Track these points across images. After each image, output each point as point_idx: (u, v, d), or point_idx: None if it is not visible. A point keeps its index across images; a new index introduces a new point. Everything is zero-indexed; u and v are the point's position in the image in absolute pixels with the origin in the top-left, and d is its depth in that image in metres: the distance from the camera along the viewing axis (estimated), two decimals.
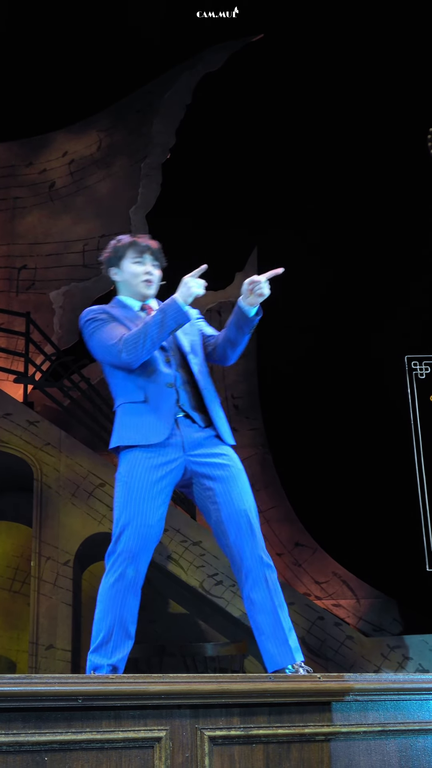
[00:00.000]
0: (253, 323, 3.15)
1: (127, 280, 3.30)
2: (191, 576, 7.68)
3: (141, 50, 10.24)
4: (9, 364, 9.40)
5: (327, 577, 9.42)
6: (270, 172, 10.17)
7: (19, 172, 10.87)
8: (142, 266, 3.28)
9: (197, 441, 3.11)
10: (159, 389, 3.11)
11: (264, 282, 3.10)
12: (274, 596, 3.01)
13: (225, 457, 3.13)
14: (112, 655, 2.91)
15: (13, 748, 2.09)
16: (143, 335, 3.04)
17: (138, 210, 10.66)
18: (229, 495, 3.07)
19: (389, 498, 8.98)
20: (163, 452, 3.06)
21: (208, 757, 2.24)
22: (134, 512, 3.02)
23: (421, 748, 2.48)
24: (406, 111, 9.83)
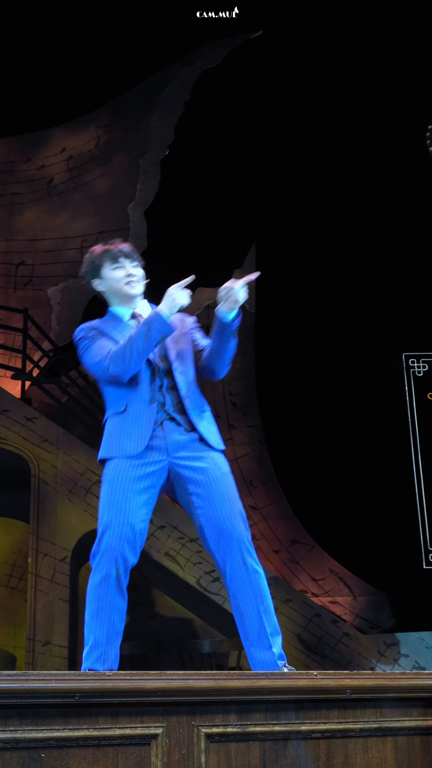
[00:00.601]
0: (232, 328, 3.15)
1: (112, 286, 3.33)
2: (188, 573, 7.68)
3: (140, 46, 10.23)
4: (7, 360, 9.40)
5: (324, 574, 9.43)
6: (269, 169, 10.16)
7: (18, 168, 10.86)
8: (122, 270, 3.31)
9: (181, 443, 3.11)
10: (139, 399, 3.14)
11: (239, 288, 3.12)
12: (259, 602, 3.00)
13: (207, 460, 3.12)
14: (106, 659, 2.92)
15: (9, 745, 2.09)
16: (128, 348, 3.08)
17: (136, 206, 10.65)
18: (210, 500, 3.07)
19: (386, 495, 8.99)
20: (146, 455, 3.08)
21: (205, 755, 2.24)
22: (116, 511, 3.03)
23: (417, 745, 2.48)
24: (405, 107, 9.83)
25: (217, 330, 3.19)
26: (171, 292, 3.10)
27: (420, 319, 9.20)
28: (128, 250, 3.36)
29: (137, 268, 3.34)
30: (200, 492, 3.08)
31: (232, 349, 3.23)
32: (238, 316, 3.16)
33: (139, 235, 10.51)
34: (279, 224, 10.02)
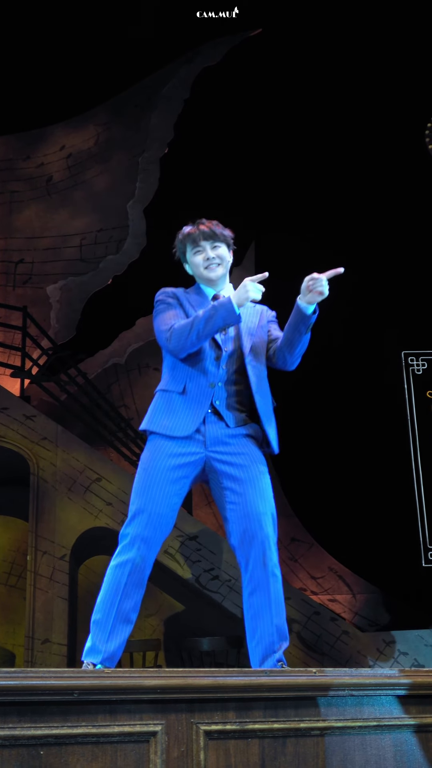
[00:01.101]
0: (310, 322, 3.16)
1: (195, 272, 3.35)
2: (187, 570, 7.68)
3: (139, 44, 10.22)
4: (6, 358, 9.39)
5: (323, 572, 9.43)
6: (269, 167, 10.16)
7: (17, 166, 10.85)
8: (201, 254, 3.31)
9: (220, 439, 3.11)
10: (199, 385, 3.14)
11: (324, 280, 3.14)
12: (273, 605, 3.00)
13: (246, 457, 3.12)
14: (109, 639, 2.91)
15: (8, 742, 2.09)
16: (189, 327, 3.08)
17: (136, 204, 10.64)
18: (242, 497, 3.06)
19: (386, 494, 8.99)
20: (186, 444, 3.08)
21: (204, 752, 2.24)
22: (148, 499, 3.03)
23: (416, 743, 2.48)
24: (405, 105, 9.82)
25: (293, 321, 3.19)
26: (246, 283, 3.09)
27: (419, 316, 9.19)
28: (209, 230, 3.34)
29: (218, 248, 3.34)
30: (235, 487, 3.08)
31: (305, 343, 3.24)
32: (316, 310, 3.17)
33: (139, 234, 10.51)
34: (278, 222, 10.01)
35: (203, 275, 3.31)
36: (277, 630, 2.98)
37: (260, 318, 3.35)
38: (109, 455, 8.73)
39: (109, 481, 7.70)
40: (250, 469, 3.11)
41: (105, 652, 2.89)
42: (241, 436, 3.15)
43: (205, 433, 3.10)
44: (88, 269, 10.48)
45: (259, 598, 2.99)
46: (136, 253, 10.43)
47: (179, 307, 3.25)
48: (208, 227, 3.32)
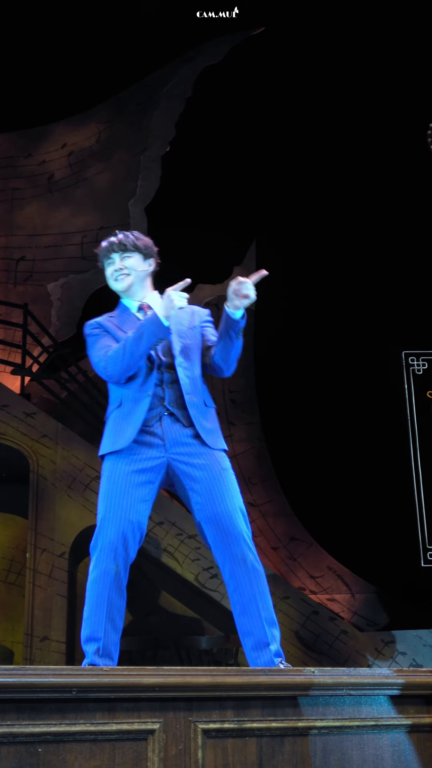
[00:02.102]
0: (239, 327, 3.12)
1: (109, 284, 3.35)
2: (186, 569, 7.69)
3: (141, 43, 10.22)
4: (6, 355, 9.39)
5: (322, 571, 9.44)
6: (269, 166, 10.15)
7: (18, 164, 10.85)
8: (111, 266, 3.31)
9: (180, 440, 3.09)
10: (133, 393, 3.13)
11: (249, 284, 3.08)
12: (259, 599, 2.99)
13: (206, 456, 3.10)
14: (103, 654, 2.91)
15: (7, 739, 2.09)
16: (122, 351, 3.08)
17: (137, 202, 10.64)
18: (208, 496, 3.05)
19: (385, 493, 8.99)
20: (144, 452, 3.06)
21: (201, 750, 2.25)
22: (114, 506, 3.02)
23: (413, 742, 2.49)
24: (406, 105, 9.81)
25: (223, 328, 3.15)
26: (168, 293, 3.07)
27: (420, 317, 9.19)
28: (119, 241, 3.32)
29: (128, 258, 3.30)
30: (198, 488, 3.07)
31: (238, 349, 3.19)
32: (244, 315, 3.13)
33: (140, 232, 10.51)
34: (279, 221, 10.01)
35: (112, 286, 3.32)
36: (267, 621, 2.98)
37: (191, 318, 3.30)
38: None
39: None
40: (212, 468, 3.08)
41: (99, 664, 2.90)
42: (198, 436, 3.12)
43: (164, 436, 3.09)
44: (89, 267, 10.48)
45: (243, 594, 3.00)
46: None
47: (107, 334, 3.23)
48: (118, 240, 3.32)
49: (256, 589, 3.00)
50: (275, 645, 2.97)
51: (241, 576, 3.00)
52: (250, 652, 2.98)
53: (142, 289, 3.33)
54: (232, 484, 3.11)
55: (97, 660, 2.90)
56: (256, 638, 2.97)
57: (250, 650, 2.98)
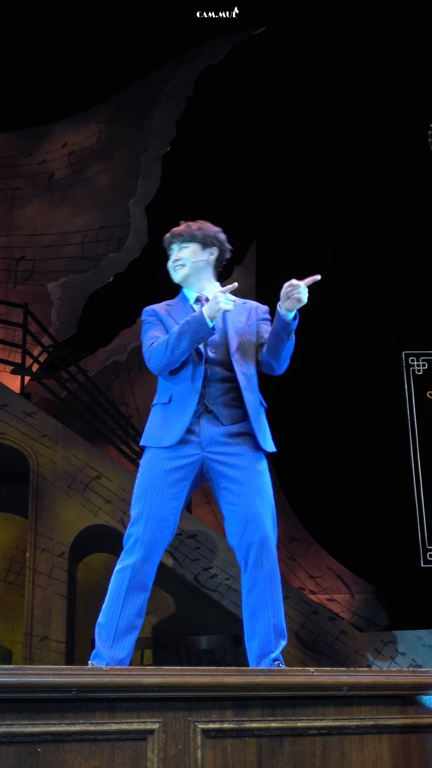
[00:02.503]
0: (291, 328, 3.14)
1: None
2: (186, 569, 7.69)
3: (142, 42, 10.22)
4: (6, 355, 9.39)
5: (322, 571, 9.44)
6: (270, 166, 10.16)
7: (19, 163, 10.85)
8: (171, 258, 3.32)
9: (216, 439, 3.09)
10: (183, 391, 3.12)
11: (303, 287, 3.11)
12: (271, 605, 2.99)
13: (243, 458, 3.09)
14: (113, 644, 2.90)
15: (6, 739, 2.09)
16: (165, 346, 3.09)
17: (137, 202, 10.64)
18: (240, 497, 3.04)
19: (385, 493, 8.99)
20: (181, 448, 3.06)
21: (201, 750, 2.24)
22: (146, 504, 3.03)
23: (413, 742, 2.49)
24: (407, 105, 9.81)
25: (275, 329, 3.17)
26: (216, 295, 3.07)
27: (420, 317, 9.19)
28: (177, 232, 3.33)
29: (184, 249, 3.30)
30: (232, 488, 3.06)
31: (290, 348, 3.22)
32: (297, 316, 3.15)
33: (140, 231, 10.51)
34: (280, 221, 10.01)
35: (173, 277, 3.34)
36: (275, 629, 2.98)
37: (248, 316, 3.32)
38: (109, 453, 8.73)
39: (109, 478, 7.71)
40: (248, 470, 3.08)
41: (109, 658, 2.89)
42: (237, 435, 3.12)
43: (201, 433, 3.08)
44: (89, 267, 10.48)
45: (256, 597, 3.00)
46: (137, 251, 10.44)
47: (158, 323, 3.24)
48: (178, 230, 3.33)
49: (269, 595, 3.00)
50: (277, 652, 2.97)
51: (258, 579, 3.00)
52: (254, 654, 2.98)
53: (201, 280, 3.32)
54: (266, 487, 3.10)
55: (104, 653, 2.89)
56: (261, 644, 2.96)
57: (254, 653, 2.98)
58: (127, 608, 2.94)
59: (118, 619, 2.92)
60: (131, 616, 2.94)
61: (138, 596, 2.97)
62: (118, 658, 2.89)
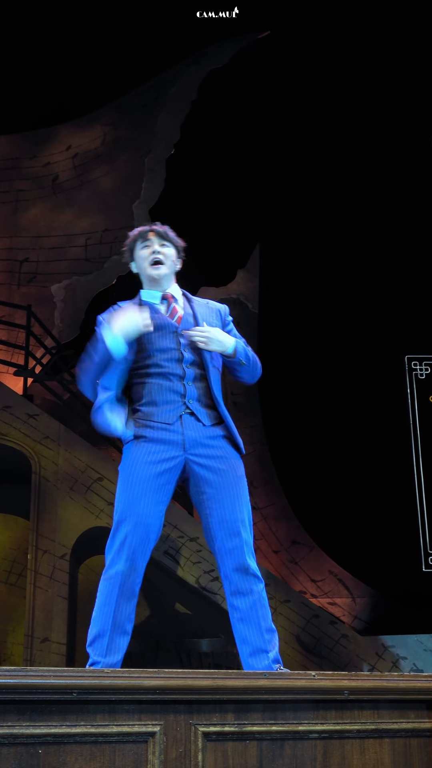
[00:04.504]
0: (236, 360, 3.16)
1: (140, 267, 3.29)
2: (187, 572, 7.69)
3: (147, 45, 10.23)
4: (9, 356, 9.40)
5: (323, 575, 9.43)
6: (274, 170, 10.17)
7: (23, 165, 10.86)
8: (147, 249, 3.26)
9: (198, 440, 3.07)
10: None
11: (196, 335, 3.08)
12: (259, 607, 2.99)
13: (224, 461, 3.08)
14: (107, 653, 2.90)
15: (7, 741, 2.09)
16: (84, 366, 3.08)
17: (141, 205, 10.65)
18: (220, 502, 3.03)
19: (387, 497, 8.99)
20: (164, 449, 3.04)
21: (202, 753, 2.24)
22: (131, 508, 2.98)
23: (414, 747, 2.49)
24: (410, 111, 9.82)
25: (225, 362, 3.20)
26: (131, 314, 3.01)
27: (423, 321, 9.19)
28: (162, 230, 3.29)
29: (167, 247, 3.27)
30: (211, 493, 3.05)
31: (252, 367, 3.23)
32: (236, 350, 3.13)
33: None
34: (283, 225, 10.02)
35: (147, 271, 3.25)
36: (265, 630, 2.98)
37: (217, 316, 3.27)
38: (111, 455, 8.73)
39: (111, 480, 7.71)
40: (228, 474, 3.06)
41: (103, 665, 2.89)
42: (218, 437, 3.11)
43: (183, 434, 3.06)
44: (92, 269, 10.49)
45: (243, 602, 2.99)
46: None
47: None
48: (161, 228, 3.30)
49: (256, 596, 2.99)
50: (273, 652, 2.96)
51: (241, 583, 3.00)
52: (247, 659, 2.98)
53: (169, 282, 3.29)
54: (243, 492, 3.09)
55: (99, 660, 2.89)
56: (253, 646, 2.96)
57: (247, 657, 2.98)
58: (119, 615, 2.92)
59: (110, 628, 2.91)
60: (123, 621, 2.93)
61: (128, 603, 2.95)
62: (111, 664, 2.88)
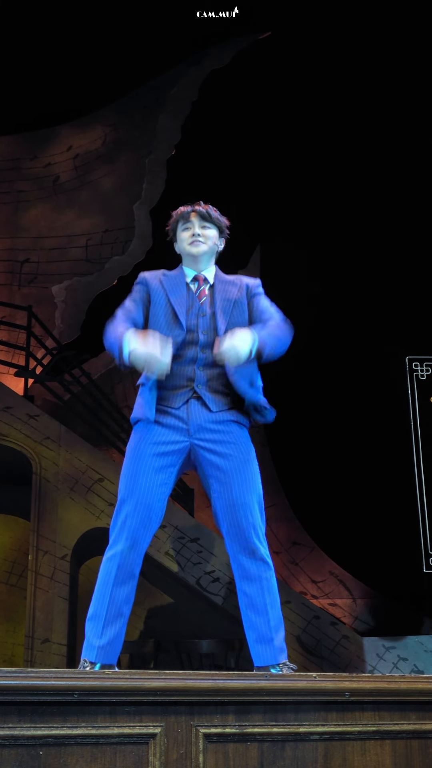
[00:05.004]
0: (258, 361, 3.15)
1: (180, 248, 3.33)
2: (188, 572, 7.68)
3: (148, 45, 10.24)
4: (10, 357, 9.40)
5: (324, 576, 9.43)
6: (275, 170, 10.17)
7: (24, 166, 10.87)
8: (189, 231, 3.30)
9: (204, 425, 3.05)
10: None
11: (227, 350, 2.98)
12: (267, 593, 2.99)
13: (231, 446, 3.06)
14: (102, 635, 2.88)
15: (8, 742, 2.09)
16: (108, 336, 3.06)
17: (142, 206, 10.65)
18: (228, 486, 3.02)
19: (388, 498, 8.98)
20: (168, 432, 3.04)
21: (203, 755, 2.24)
22: (134, 488, 2.98)
23: (415, 748, 2.48)
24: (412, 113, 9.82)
25: None
26: (151, 351, 2.89)
27: (424, 322, 9.19)
28: (203, 210, 3.32)
29: (207, 229, 3.31)
30: (219, 476, 3.03)
31: (275, 350, 3.14)
32: (251, 352, 3.01)
33: (144, 235, 10.52)
34: (284, 226, 10.02)
35: (186, 250, 3.29)
36: (272, 617, 2.97)
37: (239, 293, 3.24)
38: (112, 456, 8.73)
39: (111, 481, 7.71)
40: (235, 458, 3.05)
41: (98, 647, 2.87)
42: (225, 422, 3.08)
43: (189, 420, 3.05)
44: (93, 270, 10.49)
45: (251, 587, 2.99)
46: (141, 255, 10.45)
47: (139, 296, 3.21)
48: (203, 208, 3.34)
49: (264, 583, 2.99)
50: (279, 641, 2.96)
51: (250, 567, 2.99)
52: (254, 644, 2.98)
53: (208, 263, 3.31)
54: (253, 475, 3.07)
55: (94, 642, 2.88)
56: (260, 632, 2.97)
57: (254, 642, 2.98)
58: (115, 597, 2.91)
59: (106, 609, 2.90)
60: (119, 603, 2.91)
61: (126, 584, 2.94)
62: (104, 644, 2.87)
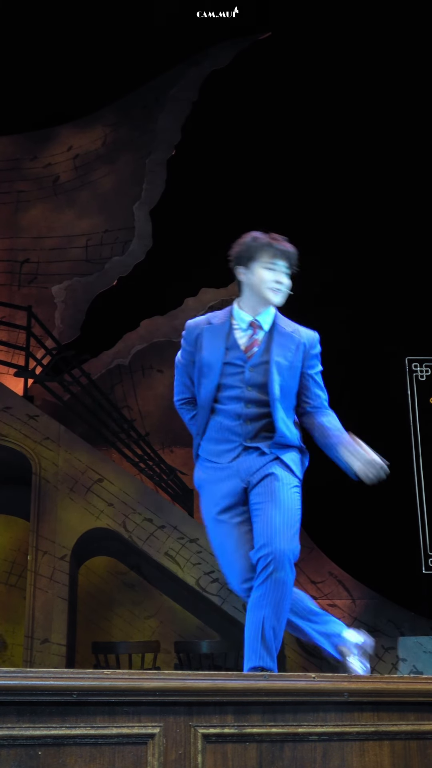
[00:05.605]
0: None
1: (253, 284, 3.10)
2: (187, 573, 7.68)
3: (148, 46, 10.24)
4: (10, 357, 9.40)
5: (323, 577, 9.42)
6: (274, 170, 10.17)
7: (24, 166, 10.87)
8: (272, 273, 3.09)
9: (253, 465, 3.11)
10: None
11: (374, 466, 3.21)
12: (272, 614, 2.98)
13: (273, 477, 3.10)
14: None
15: (7, 742, 2.09)
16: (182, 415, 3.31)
17: (142, 206, 10.66)
18: (263, 511, 3.06)
19: (387, 499, 8.97)
20: (222, 487, 3.12)
21: (201, 755, 2.24)
22: (228, 555, 3.08)
23: (414, 749, 2.48)
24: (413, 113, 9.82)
25: (330, 445, 3.34)
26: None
27: (424, 322, 9.19)
28: (292, 253, 3.13)
29: (288, 277, 3.11)
30: (257, 501, 3.07)
31: None
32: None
33: (144, 235, 10.52)
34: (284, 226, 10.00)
35: (264, 294, 3.08)
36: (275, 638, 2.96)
37: (295, 354, 3.14)
38: (112, 456, 8.74)
39: (111, 482, 7.71)
40: (273, 485, 3.07)
41: None
42: (272, 461, 3.12)
43: (239, 467, 3.10)
44: (93, 270, 10.49)
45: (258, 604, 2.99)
46: (141, 255, 10.44)
47: (183, 361, 3.22)
48: (290, 248, 3.14)
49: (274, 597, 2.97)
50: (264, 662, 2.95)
51: (265, 587, 2.95)
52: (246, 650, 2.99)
53: (265, 307, 3.16)
54: (289, 501, 3.11)
55: None
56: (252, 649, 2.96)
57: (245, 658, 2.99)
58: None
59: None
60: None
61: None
62: None
